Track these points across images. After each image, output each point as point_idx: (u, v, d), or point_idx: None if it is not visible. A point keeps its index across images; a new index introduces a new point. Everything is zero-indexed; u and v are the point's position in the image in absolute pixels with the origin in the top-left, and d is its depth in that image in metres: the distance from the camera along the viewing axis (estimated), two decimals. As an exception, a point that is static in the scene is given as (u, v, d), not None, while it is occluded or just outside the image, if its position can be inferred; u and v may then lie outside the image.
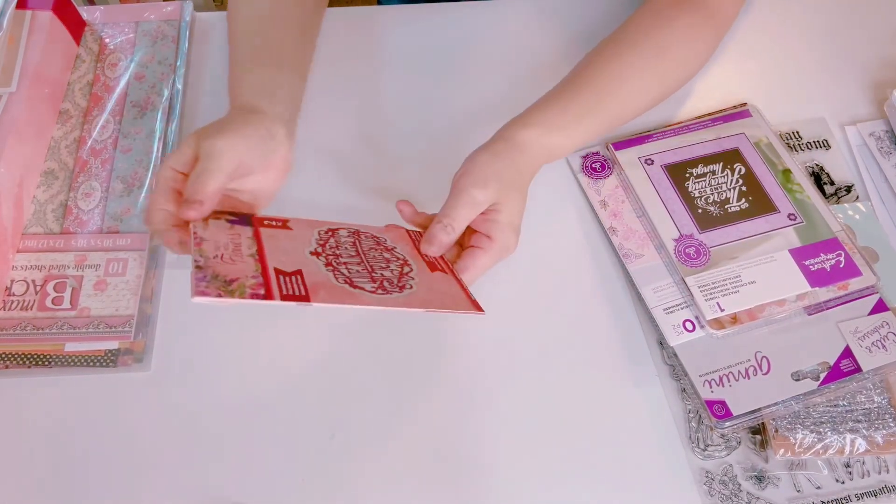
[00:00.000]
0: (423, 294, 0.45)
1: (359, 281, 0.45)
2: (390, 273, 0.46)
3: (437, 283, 0.47)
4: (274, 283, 0.42)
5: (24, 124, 0.58)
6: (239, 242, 0.45)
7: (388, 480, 0.50)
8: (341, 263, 0.46)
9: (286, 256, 0.45)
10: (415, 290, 0.45)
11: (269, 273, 0.43)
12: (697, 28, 0.57)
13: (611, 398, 0.53)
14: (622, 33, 0.57)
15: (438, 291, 0.46)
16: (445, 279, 0.48)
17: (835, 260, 0.54)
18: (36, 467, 0.51)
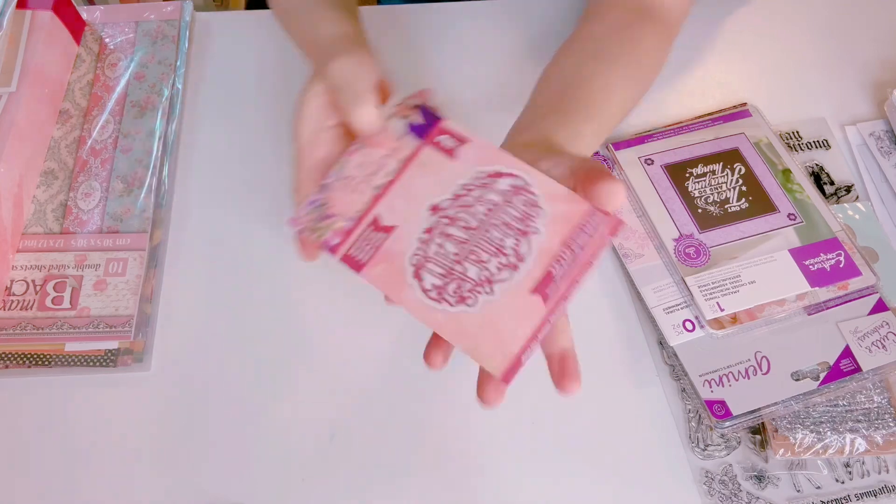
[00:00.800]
0: (470, 323, 0.36)
1: (430, 268, 0.38)
2: (477, 271, 0.37)
3: (509, 311, 0.36)
4: (356, 235, 0.39)
5: (24, 124, 0.58)
6: (385, 163, 0.41)
7: (388, 480, 0.50)
8: (445, 235, 0.38)
9: (407, 202, 0.40)
10: (471, 310, 0.37)
11: (363, 220, 0.39)
12: (660, 38, 0.57)
13: (611, 398, 0.53)
14: (592, 45, 0.55)
15: (491, 325, 0.36)
16: (526, 311, 0.36)
17: (835, 260, 0.54)
18: (36, 467, 0.51)
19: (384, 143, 0.41)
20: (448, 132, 0.41)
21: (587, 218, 0.37)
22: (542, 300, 0.36)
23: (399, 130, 0.42)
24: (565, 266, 0.37)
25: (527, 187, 0.39)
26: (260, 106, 0.65)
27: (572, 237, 0.37)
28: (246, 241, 0.59)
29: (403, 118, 0.42)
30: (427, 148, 0.41)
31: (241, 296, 0.57)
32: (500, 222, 0.38)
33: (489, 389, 0.37)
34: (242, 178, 0.62)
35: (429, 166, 0.40)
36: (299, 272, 0.58)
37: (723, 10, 0.70)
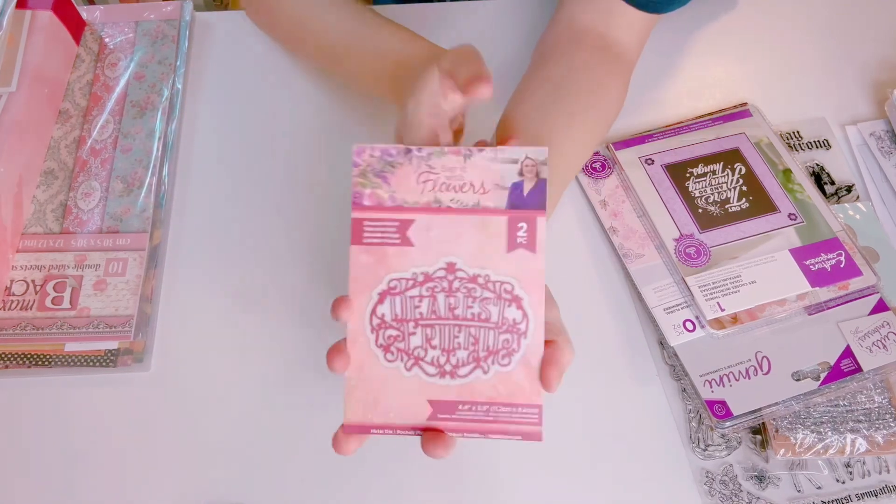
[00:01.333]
0: (375, 376, 0.40)
1: (387, 320, 0.40)
2: (433, 353, 0.40)
3: (404, 395, 0.40)
4: (383, 216, 0.39)
5: (23, 124, 0.58)
6: (465, 192, 0.39)
7: (388, 480, 0.50)
8: (433, 297, 0.40)
9: (440, 241, 0.39)
10: (389, 366, 0.40)
11: (400, 211, 0.39)
12: (621, 79, 0.57)
13: (611, 398, 0.53)
14: (557, 89, 0.54)
15: (385, 391, 0.39)
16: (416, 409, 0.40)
17: (835, 260, 0.54)
18: (36, 467, 0.51)
19: (484, 173, 0.39)
20: (532, 229, 0.39)
21: (524, 407, 0.39)
22: (430, 415, 0.40)
23: (503, 176, 0.39)
24: (472, 414, 0.40)
25: (519, 331, 0.39)
26: (260, 106, 0.65)
27: (500, 404, 0.39)
28: (246, 240, 0.59)
29: (519, 171, 0.39)
30: (502, 219, 0.39)
31: (241, 296, 0.57)
32: (475, 332, 0.39)
33: (338, 434, 0.40)
34: (242, 178, 0.62)
35: (486, 233, 0.39)
36: (299, 272, 0.58)
37: (723, 10, 0.70)
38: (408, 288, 0.39)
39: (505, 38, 0.69)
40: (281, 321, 0.56)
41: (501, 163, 0.39)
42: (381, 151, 0.39)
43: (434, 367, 0.40)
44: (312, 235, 0.59)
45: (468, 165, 0.39)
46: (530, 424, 0.39)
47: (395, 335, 0.39)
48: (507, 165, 0.39)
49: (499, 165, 0.39)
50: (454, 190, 0.39)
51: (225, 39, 0.69)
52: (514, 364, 0.39)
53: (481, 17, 0.70)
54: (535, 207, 0.39)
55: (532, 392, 0.39)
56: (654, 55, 0.62)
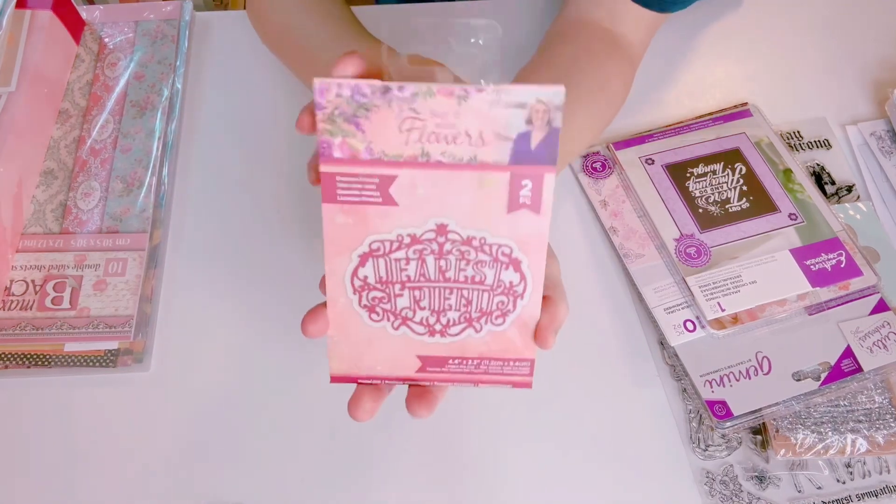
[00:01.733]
0: (358, 330, 0.36)
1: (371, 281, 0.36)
2: (422, 313, 0.36)
3: (395, 348, 0.37)
4: (359, 171, 0.33)
5: (23, 124, 0.58)
6: (460, 142, 0.32)
7: (388, 480, 0.50)
8: (422, 259, 0.36)
9: (428, 199, 0.33)
10: (371, 325, 0.36)
11: (380, 165, 0.33)
12: (625, 74, 0.57)
13: (611, 398, 0.53)
14: (561, 73, 0.54)
15: (373, 344, 0.36)
16: (404, 362, 0.37)
17: (836, 260, 0.54)
18: (36, 467, 0.51)
19: (483, 121, 0.32)
20: (537, 187, 0.33)
21: (517, 361, 0.37)
22: (419, 368, 0.37)
23: (507, 124, 0.32)
24: (463, 367, 0.37)
25: (516, 293, 0.36)
26: (260, 106, 0.65)
27: (491, 358, 0.37)
28: (246, 240, 0.59)
29: (527, 119, 0.31)
30: (503, 176, 0.33)
31: (241, 295, 0.57)
32: (468, 294, 0.36)
33: (351, 400, 0.38)
34: (242, 178, 0.62)
35: (483, 191, 0.33)
36: (299, 271, 0.58)
37: (723, 10, 0.70)
38: (392, 250, 0.35)
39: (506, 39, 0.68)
40: (281, 321, 0.56)
41: (505, 107, 0.31)
42: (350, 89, 0.31)
43: (423, 326, 0.36)
44: (312, 235, 0.59)
45: (463, 110, 0.31)
46: (521, 375, 0.37)
47: (379, 297, 0.36)
48: (513, 111, 0.31)
49: (502, 111, 0.31)
50: (446, 141, 0.32)
51: (225, 39, 0.69)
52: (508, 324, 0.36)
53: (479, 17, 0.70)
54: (543, 162, 0.32)
55: (525, 348, 0.37)
56: (654, 55, 0.62)
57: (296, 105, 0.64)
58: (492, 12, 0.70)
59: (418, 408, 0.38)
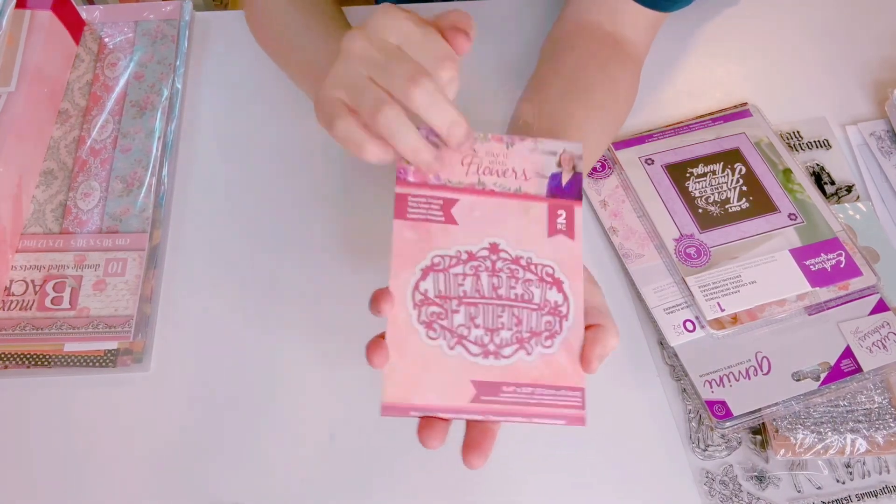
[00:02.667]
0: (420, 356, 0.38)
1: (433, 298, 0.39)
2: (478, 332, 0.39)
3: (448, 378, 0.38)
4: (427, 193, 0.39)
5: (23, 124, 0.58)
6: (508, 175, 0.41)
7: (388, 480, 0.50)
8: (476, 276, 0.40)
9: (484, 222, 0.40)
10: (431, 344, 0.38)
11: (444, 190, 0.40)
12: (632, 75, 0.58)
13: (611, 398, 0.53)
14: (571, 80, 0.54)
15: (428, 373, 0.38)
16: (459, 392, 0.38)
17: (835, 260, 0.54)
18: (36, 467, 0.51)
19: (525, 162, 0.41)
20: (570, 216, 0.40)
21: (568, 390, 0.38)
22: (474, 397, 0.38)
23: (543, 166, 0.41)
24: (516, 396, 0.38)
25: (561, 314, 0.39)
26: (260, 106, 0.65)
27: (543, 386, 0.38)
28: (246, 240, 0.59)
29: (557, 163, 0.41)
30: (543, 205, 0.40)
31: (241, 295, 0.57)
32: (519, 312, 0.39)
33: (419, 430, 0.37)
34: (242, 178, 0.62)
35: (527, 217, 0.40)
36: (299, 271, 0.58)
37: (723, 10, 0.70)
38: (451, 265, 0.39)
39: (505, 39, 0.68)
40: (281, 321, 0.56)
41: (541, 153, 0.41)
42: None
43: (478, 346, 0.38)
44: (313, 235, 0.59)
45: (510, 153, 0.40)
46: (573, 408, 0.38)
47: (437, 312, 0.38)
48: (547, 157, 0.41)
49: (539, 156, 0.41)
50: (497, 174, 0.40)
51: (225, 39, 0.69)
52: (557, 346, 0.39)
53: (481, 18, 0.70)
54: (573, 197, 0.40)
55: (575, 374, 0.39)
56: (654, 55, 0.62)
57: (296, 105, 0.65)
58: (492, 12, 0.70)
59: (474, 458, 0.37)
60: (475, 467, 0.37)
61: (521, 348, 0.39)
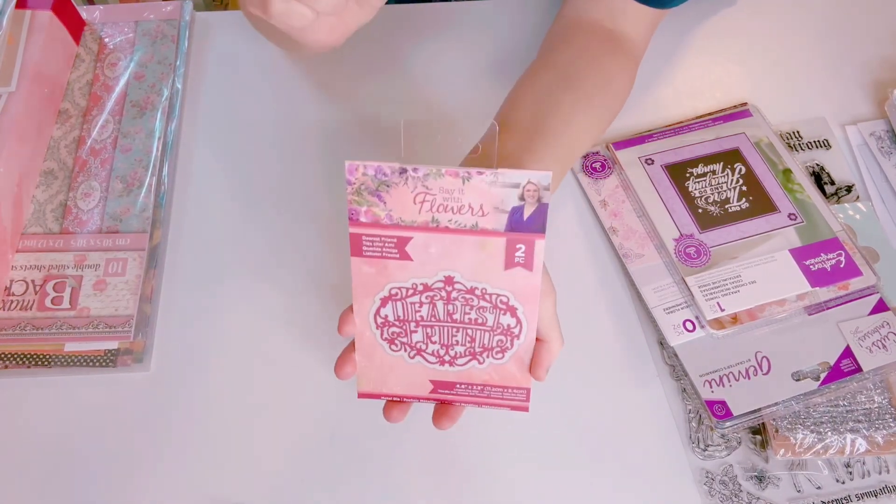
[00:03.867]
0: (386, 360, 0.44)
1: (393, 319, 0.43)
2: (433, 346, 0.44)
3: (412, 374, 0.44)
4: (379, 232, 0.39)
5: (23, 124, 0.58)
6: (464, 212, 0.39)
7: (388, 480, 0.50)
8: (432, 303, 0.42)
9: (439, 257, 0.40)
10: (394, 354, 0.44)
11: (397, 229, 0.39)
12: (627, 70, 0.57)
13: (611, 398, 0.53)
14: (564, 71, 0.54)
15: (394, 370, 0.44)
16: (419, 384, 0.45)
17: (835, 260, 0.54)
18: (36, 467, 0.51)
19: (483, 196, 0.37)
20: (529, 250, 0.39)
21: (515, 389, 0.44)
22: (432, 390, 0.45)
23: (503, 200, 0.37)
24: (468, 390, 0.45)
25: (513, 334, 0.42)
26: (260, 106, 0.65)
27: (493, 385, 0.44)
28: (246, 240, 0.59)
29: (520, 196, 0.37)
30: (500, 240, 0.38)
31: (241, 295, 0.57)
32: (472, 332, 0.42)
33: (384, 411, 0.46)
34: (242, 178, 0.62)
35: (484, 252, 0.39)
36: (299, 272, 0.58)
37: (723, 10, 0.70)
38: (408, 295, 0.41)
39: (505, 39, 0.69)
40: (281, 321, 0.56)
41: (502, 187, 0.37)
42: (374, 170, 0.37)
43: (434, 357, 0.43)
44: (312, 235, 0.59)
45: (466, 188, 0.37)
46: (519, 401, 0.45)
47: (398, 332, 0.43)
48: (507, 189, 0.37)
49: (499, 189, 0.37)
50: (452, 211, 0.38)
51: (225, 39, 0.69)
52: (507, 359, 0.43)
53: (481, 17, 0.70)
54: (534, 231, 0.38)
55: (522, 379, 0.44)
56: (654, 55, 0.62)
57: (295, 104, 0.65)
58: (492, 12, 0.70)
59: (443, 420, 0.45)
60: (444, 428, 0.45)
61: (474, 359, 0.43)
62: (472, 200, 0.38)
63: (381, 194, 0.38)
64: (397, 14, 0.70)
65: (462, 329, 0.42)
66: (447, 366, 0.43)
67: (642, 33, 0.58)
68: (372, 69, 0.67)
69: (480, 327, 0.42)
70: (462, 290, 0.40)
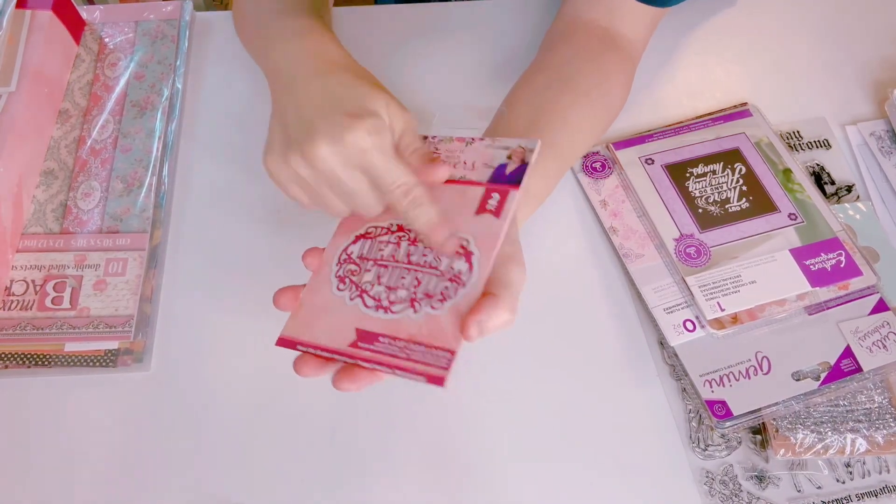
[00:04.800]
0: (313, 302, 0.44)
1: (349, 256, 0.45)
2: (379, 289, 0.43)
3: (338, 320, 0.43)
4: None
5: (23, 124, 0.58)
6: (458, 163, 0.44)
7: (388, 480, 0.50)
8: (388, 242, 0.44)
9: None
10: (326, 295, 0.44)
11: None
12: (626, 71, 0.57)
13: (611, 398, 0.53)
14: (563, 71, 0.54)
15: (318, 315, 0.43)
16: (343, 334, 0.42)
17: (835, 260, 0.54)
18: (36, 467, 0.51)
19: (477, 155, 0.44)
20: (503, 199, 0.42)
21: (439, 350, 0.39)
22: (352, 343, 0.41)
23: (492, 158, 0.43)
24: (389, 347, 0.40)
25: (461, 281, 0.40)
26: (260, 105, 0.65)
27: (417, 342, 0.40)
28: (246, 240, 0.59)
29: (508, 156, 0.43)
30: (479, 189, 0.42)
31: (241, 295, 0.57)
32: (421, 276, 0.42)
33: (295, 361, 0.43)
34: (242, 178, 0.62)
35: (463, 200, 0.42)
36: (299, 272, 0.57)
37: (723, 10, 0.70)
38: (380, 234, 0.44)
39: (505, 39, 0.69)
40: (281, 321, 0.56)
41: (495, 149, 0.44)
42: None
43: (373, 300, 0.42)
44: (313, 235, 0.59)
45: (468, 150, 0.44)
46: (439, 367, 0.38)
47: (353, 269, 0.44)
48: (499, 151, 0.43)
49: (492, 150, 0.44)
50: (449, 166, 0.44)
51: (225, 39, 0.69)
52: (445, 309, 0.40)
53: (481, 17, 0.70)
54: (511, 183, 0.42)
55: (452, 338, 0.39)
56: (654, 55, 0.62)
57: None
58: (492, 12, 0.70)
59: (344, 381, 0.40)
60: (343, 390, 0.40)
61: (411, 306, 0.41)
62: (467, 158, 0.44)
63: None
64: (397, 14, 0.70)
65: (413, 272, 0.42)
66: (381, 311, 0.41)
67: (641, 33, 0.58)
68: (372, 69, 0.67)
69: (432, 271, 0.41)
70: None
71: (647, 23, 0.58)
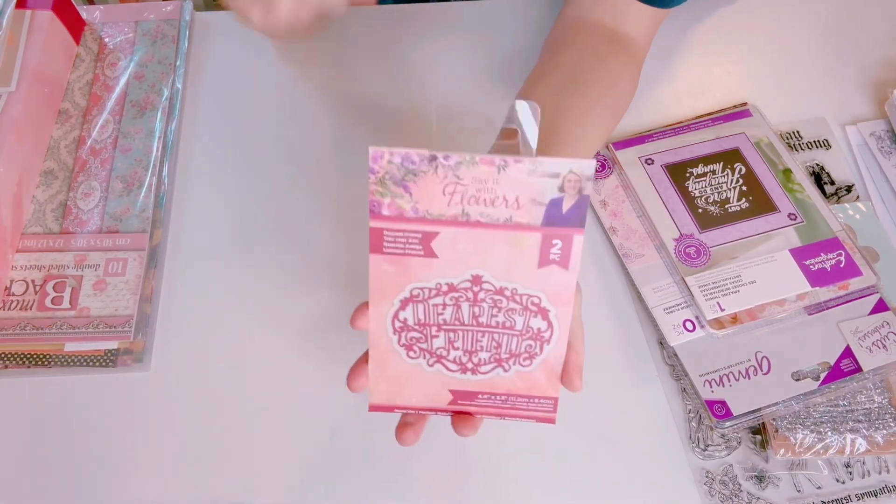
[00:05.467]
0: (401, 369, 0.40)
1: (413, 321, 0.39)
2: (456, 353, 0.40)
3: (428, 383, 0.40)
4: (403, 227, 0.36)
5: (23, 124, 0.58)
6: (497, 205, 0.36)
7: (388, 480, 0.50)
8: (457, 305, 0.39)
9: (466, 254, 0.37)
10: (412, 362, 0.40)
11: (424, 223, 0.36)
12: (632, 71, 0.57)
13: (611, 398, 0.53)
14: (571, 73, 0.54)
15: (411, 380, 0.40)
16: (437, 395, 0.40)
17: (835, 260, 0.54)
18: (35, 467, 0.51)
19: (520, 187, 0.35)
20: (567, 246, 0.36)
21: (541, 399, 0.40)
22: (451, 401, 0.40)
23: (541, 192, 0.35)
24: (490, 401, 0.40)
25: (543, 339, 0.39)
26: (259, 105, 0.65)
27: (518, 395, 0.40)
28: (246, 240, 0.59)
29: (560, 187, 0.34)
30: (536, 236, 0.36)
31: (241, 295, 0.57)
32: (499, 337, 0.39)
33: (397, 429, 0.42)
34: (242, 178, 0.62)
35: (517, 249, 0.36)
36: (300, 272, 0.58)
37: (723, 10, 0.70)
38: (430, 297, 0.38)
39: (506, 39, 0.69)
40: (281, 321, 0.56)
41: (540, 176, 0.34)
42: (401, 157, 0.34)
43: (456, 364, 0.40)
44: (313, 235, 0.59)
45: (502, 178, 0.34)
46: (545, 411, 0.40)
47: (417, 337, 0.39)
48: (546, 180, 0.34)
49: (537, 179, 0.34)
50: (484, 203, 0.35)
51: (225, 39, 0.69)
52: (535, 366, 0.39)
53: (482, 17, 0.70)
54: (573, 225, 0.35)
55: (550, 388, 0.40)
56: (654, 55, 0.62)
57: (295, 104, 0.65)
58: (492, 12, 0.70)
59: (463, 428, 0.41)
60: (465, 436, 0.41)
61: (499, 366, 0.39)
62: (506, 191, 0.35)
63: (407, 184, 0.35)
64: (397, 14, 0.71)
65: (488, 333, 0.39)
66: (469, 374, 0.40)
67: (644, 33, 0.58)
68: (372, 69, 0.67)
69: (508, 331, 0.38)
70: (490, 290, 0.37)
71: (649, 23, 0.58)
